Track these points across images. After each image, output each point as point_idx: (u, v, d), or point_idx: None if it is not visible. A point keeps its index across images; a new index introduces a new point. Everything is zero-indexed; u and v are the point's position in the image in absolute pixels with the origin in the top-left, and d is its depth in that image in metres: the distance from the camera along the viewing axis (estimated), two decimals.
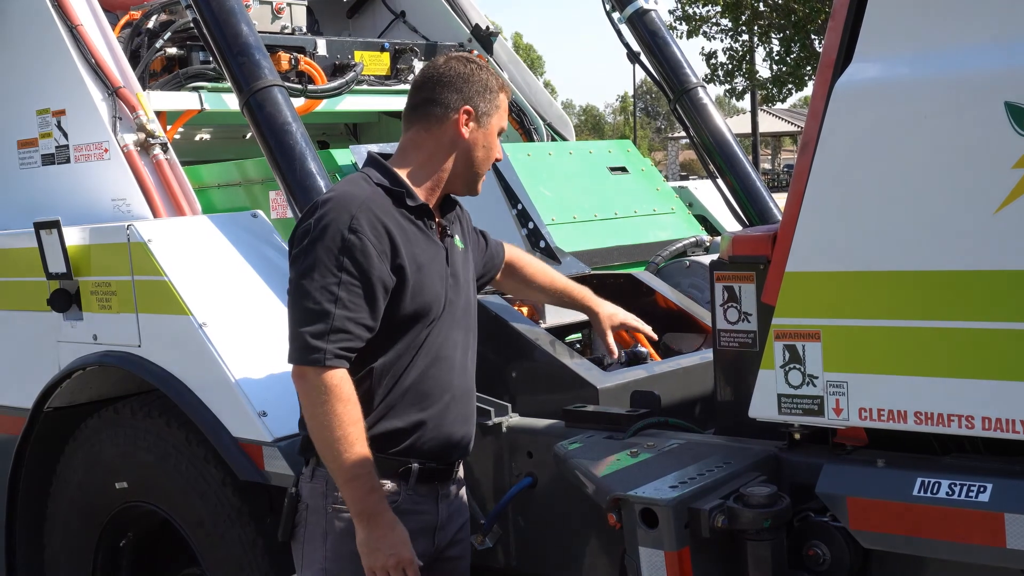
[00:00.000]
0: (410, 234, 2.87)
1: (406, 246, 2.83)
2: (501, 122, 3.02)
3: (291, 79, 4.74)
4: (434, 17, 5.87)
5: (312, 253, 2.75)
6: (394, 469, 2.89)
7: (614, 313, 3.49)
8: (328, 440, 2.72)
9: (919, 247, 2.41)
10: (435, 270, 2.92)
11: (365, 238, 2.74)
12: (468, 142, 2.96)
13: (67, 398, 4.08)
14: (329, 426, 2.71)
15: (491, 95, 2.98)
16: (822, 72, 2.61)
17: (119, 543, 4.16)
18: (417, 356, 2.89)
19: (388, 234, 2.79)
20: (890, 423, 2.46)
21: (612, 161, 5.05)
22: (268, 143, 3.80)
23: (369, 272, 2.74)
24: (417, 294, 2.85)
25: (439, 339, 2.93)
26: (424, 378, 2.90)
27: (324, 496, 2.89)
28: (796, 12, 32.48)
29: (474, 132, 2.96)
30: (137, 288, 3.74)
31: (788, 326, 2.57)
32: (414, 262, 2.84)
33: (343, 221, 2.74)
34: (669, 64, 4.89)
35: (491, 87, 2.98)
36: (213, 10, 3.95)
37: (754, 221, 4.66)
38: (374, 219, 2.78)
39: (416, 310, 2.86)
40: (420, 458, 2.91)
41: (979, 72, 2.35)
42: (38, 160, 4.42)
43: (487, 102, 2.97)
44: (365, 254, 2.73)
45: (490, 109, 2.98)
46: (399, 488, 2.90)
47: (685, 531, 2.44)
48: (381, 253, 2.77)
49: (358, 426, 2.73)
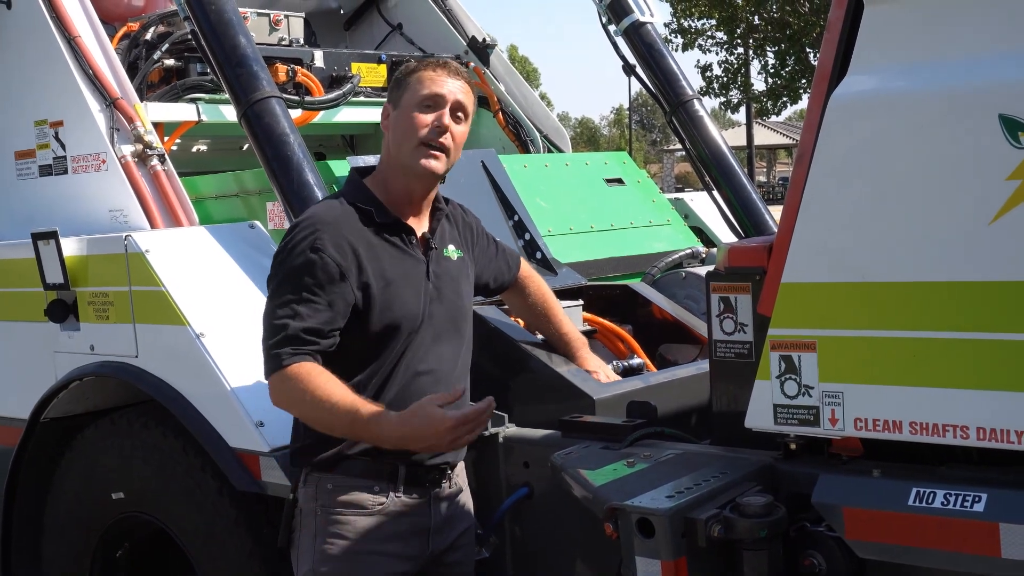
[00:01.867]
0: (380, 251, 2.91)
1: (373, 263, 2.88)
2: (416, 93, 2.95)
3: (288, 91, 4.75)
4: (431, 29, 5.89)
5: (279, 274, 2.88)
6: (383, 471, 2.93)
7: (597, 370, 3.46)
8: (322, 412, 2.77)
9: (914, 258, 2.42)
10: (409, 285, 2.94)
11: (327, 256, 2.82)
12: (390, 134, 3.00)
13: (64, 408, 4.07)
14: (314, 401, 2.76)
15: (403, 78, 2.99)
16: (818, 84, 2.63)
17: (116, 553, 4.14)
18: (395, 371, 2.93)
19: (353, 252, 2.86)
20: (885, 433, 2.47)
21: (608, 173, 5.06)
22: (265, 154, 3.81)
23: (329, 287, 2.82)
24: (385, 310, 2.89)
25: (419, 353, 2.95)
26: (406, 393, 2.91)
27: (315, 499, 2.94)
28: (791, 25, 32.54)
29: (392, 119, 2.99)
30: (134, 298, 3.74)
31: (784, 336, 2.58)
32: (381, 278, 2.89)
33: (308, 241, 2.84)
34: (665, 77, 4.90)
35: (405, 72, 3.00)
36: (211, 22, 3.96)
37: (749, 232, 4.67)
38: (339, 238, 2.86)
39: (386, 325, 2.90)
40: (408, 460, 2.93)
41: (973, 84, 2.37)
42: (36, 171, 4.43)
43: (398, 90, 2.99)
44: (326, 271, 2.82)
45: (401, 92, 2.98)
46: (387, 490, 2.93)
47: (682, 541, 2.44)
48: (345, 270, 2.84)
49: (335, 383, 2.76)
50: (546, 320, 3.48)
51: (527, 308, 3.50)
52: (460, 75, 3.01)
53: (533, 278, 3.50)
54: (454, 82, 2.97)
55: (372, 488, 2.93)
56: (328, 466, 2.94)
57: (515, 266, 3.43)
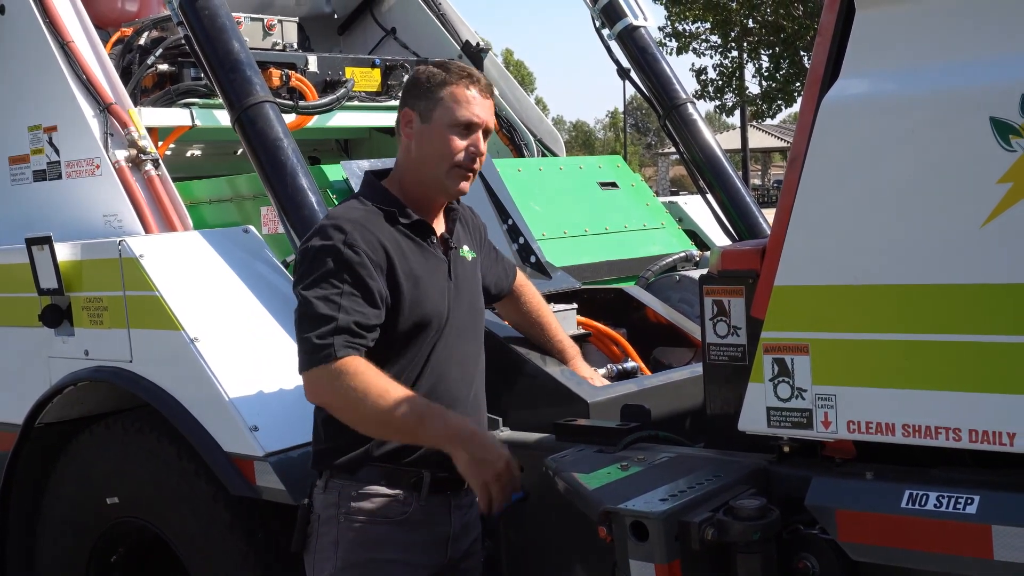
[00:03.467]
0: (406, 250, 2.91)
1: (402, 261, 2.87)
2: (452, 115, 2.91)
3: (282, 95, 4.75)
4: (425, 33, 5.90)
5: (313, 272, 2.82)
6: (406, 479, 2.92)
7: (591, 378, 3.46)
8: (377, 412, 2.73)
9: (907, 261, 2.43)
10: (435, 284, 2.95)
11: (362, 252, 2.80)
12: (414, 144, 2.96)
13: (58, 414, 4.07)
14: (368, 400, 2.72)
15: (432, 90, 2.93)
16: (810, 88, 2.63)
17: (110, 558, 4.14)
18: (424, 372, 2.93)
19: (384, 249, 2.85)
20: (878, 436, 2.48)
21: (602, 176, 5.06)
22: (259, 159, 3.82)
23: (368, 282, 2.79)
24: (415, 307, 2.89)
25: (445, 353, 2.96)
26: (434, 392, 2.92)
27: (337, 506, 2.91)
28: (785, 29, 32.60)
29: (419, 131, 2.95)
30: (129, 303, 3.74)
31: (777, 339, 2.59)
32: (411, 276, 2.88)
33: (339, 239, 2.81)
34: (658, 80, 4.91)
35: (433, 83, 2.94)
36: (205, 27, 3.97)
37: (743, 236, 4.67)
38: (369, 235, 2.84)
39: (415, 323, 2.89)
40: (432, 468, 2.92)
41: (964, 88, 2.37)
42: (29, 176, 4.43)
43: (428, 99, 2.93)
44: (363, 266, 2.79)
45: (432, 105, 2.92)
46: (411, 498, 2.92)
47: (675, 544, 2.44)
48: (377, 266, 2.82)
49: (390, 382, 2.75)
50: (540, 329, 3.49)
51: (522, 317, 3.50)
52: (488, 92, 2.98)
53: (528, 287, 3.51)
54: (485, 102, 2.95)
55: (397, 496, 2.91)
56: (350, 470, 2.91)
57: (512, 275, 3.44)
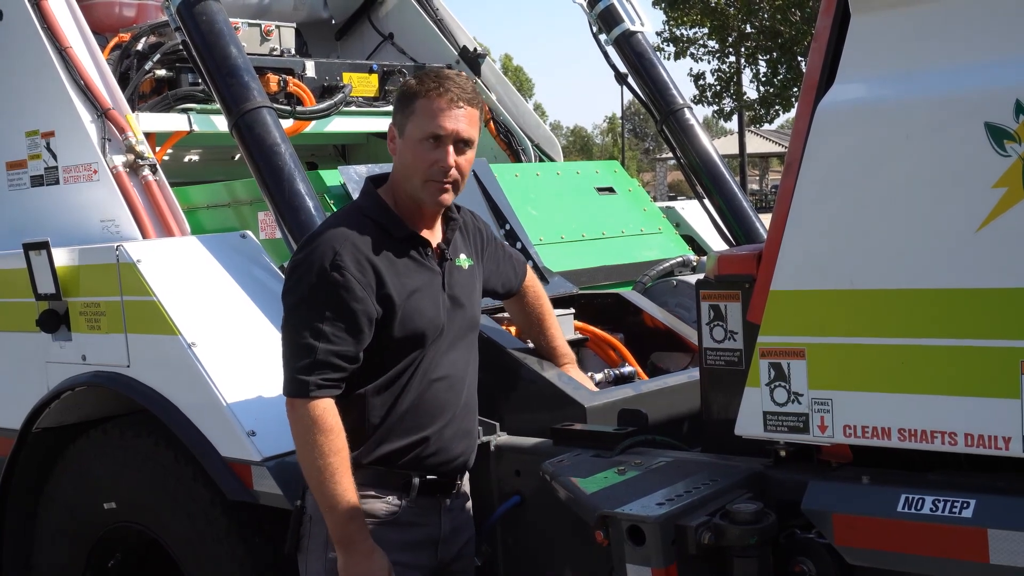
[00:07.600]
0: (399, 264, 2.92)
1: (393, 277, 2.88)
2: (419, 128, 2.88)
3: (280, 100, 4.76)
4: (422, 39, 5.91)
5: (299, 290, 2.86)
6: (396, 482, 2.94)
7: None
8: (311, 468, 2.81)
9: (902, 265, 2.43)
10: (429, 296, 2.95)
11: (348, 274, 2.81)
12: (397, 159, 2.98)
13: (56, 419, 4.07)
14: (312, 455, 2.79)
15: (405, 104, 2.93)
16: (805, 93, 2.64)
17: (108, 563, 4.14)
18: (412, 380, 2.94)
19: (373, 267, 2.85)
20: (874, 440, 2.48)
21: (600, 181, 5.07)
22: (257, 164, 3.82)
23: (352, 306, 2.81)
24: (408, 321, 2.90)
25: (435, 361, 2.97)
26: (422, 400, 2.94)
27: None
28: (783, 34, 32.63)
29: (399, 146, 2.95)
30: (126, 308, 3.74)
31: (773, 344, 2.59)
32: (403, 291, 2.89)
33: (327, 258, 2.82)
34: (656, 85, 4.92)
35: (407, 95, 2.94)
36: (202, 32, 3.97)
37: (740, 241, 4.68)
38: (358, 254, 2.84)
39: (407, 335, 2.91)
40: (422, 471, 2.95)
41: (959, 93, 2.38)
42: (27, 181, 4.43)
43: (402, 114, 2.94)
44: (348, 289, 2.81)
45: (406, 118, 2.92)
46: (400, 500, 2.94)
47: (672, 548, 2.45)
48: (366, 286, 2.83)
49: (339, 455, 2.79)
50: (539, 330, 3.49)
51: (522, 315, 3.51)
52: (464, 100, 2.89)
53: (534, 287, 3.51)
54: (456, 112, 2.87)
55: (387, 498, 2.94)
56: None
57: (522, 272, 3.44)
